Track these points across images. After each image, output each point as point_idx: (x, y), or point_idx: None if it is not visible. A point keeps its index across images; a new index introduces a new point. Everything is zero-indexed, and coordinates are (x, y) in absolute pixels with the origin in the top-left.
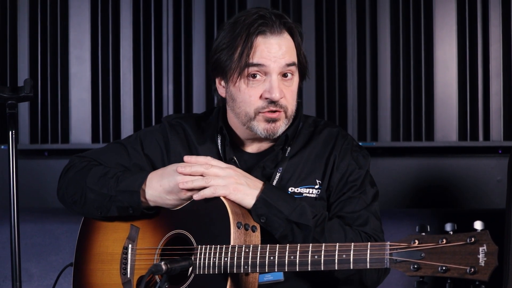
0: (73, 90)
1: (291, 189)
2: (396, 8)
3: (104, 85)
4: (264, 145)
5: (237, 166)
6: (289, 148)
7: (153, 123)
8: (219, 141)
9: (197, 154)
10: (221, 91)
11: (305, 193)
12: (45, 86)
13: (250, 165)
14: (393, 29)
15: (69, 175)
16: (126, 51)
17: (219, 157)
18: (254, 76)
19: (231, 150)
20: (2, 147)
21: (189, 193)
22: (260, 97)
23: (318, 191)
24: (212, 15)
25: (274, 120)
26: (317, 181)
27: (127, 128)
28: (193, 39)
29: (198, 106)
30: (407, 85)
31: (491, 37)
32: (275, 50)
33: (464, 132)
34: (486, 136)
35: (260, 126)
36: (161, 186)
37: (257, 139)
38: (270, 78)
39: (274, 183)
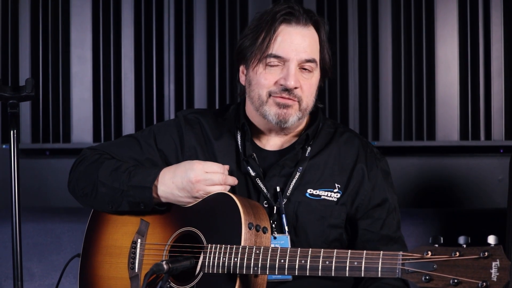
0: (75, 89)
1: (310, 191)
2: (398, 8)
3: (105, 84)
4: (284, 143)
5: (255, 163)
6: (309, 148)
7: (155, 122)
8: (239, 136)
9: (213, 149)
10: (242, 79)
11: (324, 195)
12: (47, 86)
13: (269, 162)
14: (394, 28)
15: (80, 168)
16: (128, 50)
17: (237, 153)
18: (272, 64)
19: (250, 147)
20: (4, 146)
21: (202, 192)
22: (276, 83)
23: (337, 195)
24: (214, 14)
25: (285, 106)
26: (337, 185)
27: (128, 127)
28: (194, 38)
29: (200, 105)
30: (408, 85)
31: (493, 36)
32: (297, 41)
33: (466, 132)
34: (488, 136)
35: (272, 111)
36: (174, 183)
37: (275, 132)
38: (288, 66)
39: (294, 182)
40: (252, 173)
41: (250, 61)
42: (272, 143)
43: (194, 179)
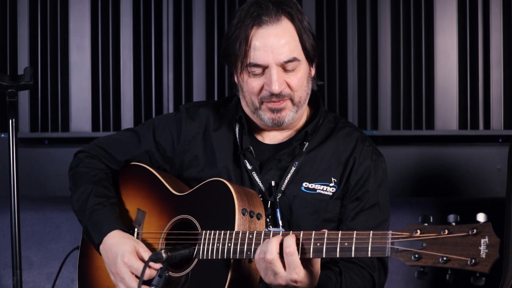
0: (73, 78)
1: (305, 184)
2: None
3: (104, 73)
4: (282, 137)
5: (252, 156)
6: (307, 143)
7: (153, 112)
8: (237, 129)
9: (211, 141)
10: (235, 78)
11: (319, 189)
12: (45, 75)
13: (266, 156)
14: (393, 18)
15: (73, 168)
16: (126, 39)
17: (235, 146)
18: (255, 72)
19: (248, 140)
20: (2, 135)
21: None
22: (263, 88)
23: (333, 189)
24: (213, 3)
25: (278, 110)
26: (333, 179)
27: (127, 116)
28: (193, 27)
29: (198, 95)
30: (407, 74)
31: (492, 26)
32: (272, 43)
33: (465, 121)
34: (487, 125)
35: (266, 116)
36: (108, 252)
37: (273, 128)
38: (269, 72)
39: (289, 176)
40: (249, 167)
41: (234, 68)
42: (272, 136)
43: (114, 270)
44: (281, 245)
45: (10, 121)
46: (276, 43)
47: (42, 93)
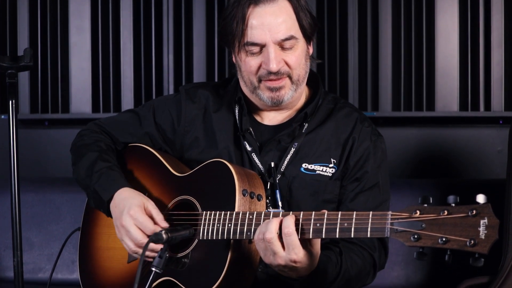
0: (73, 59)
1: (305, 165)
2: None
3: (104, 54)
4: (281, 117)
5: (252, 138)
6: (306, 125)
7: (154, 93)
8: (236, 111)
9: (211, 122)
10: (233, 58)
11: (318, 170)
12: (45, 56)
13: (265, 137)
14: None
15: (77, 143)
16: (126, 20)
17: (235, 127)
18: (252, 51)
19: (248, 121)
20: (2, 116)
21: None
22: (261, 66)
23: (332, 170)
24: None
25: (277, 88)
26: (332, 160)
27: (127, 97)
28: (193, 8)
29: (199, 75)
30: (408, 55)
31: (493, 7)
32: (269, 21)
33: (465, 102)
34: (487, 106)
35: (265, 95)
36: (117, 208)
37: (273, 108)
38: (266, 50)
39: (289, 157)
40: (248, 148)
41: (231, 48)
42: (271, 117)
43: (120, 223)
44: (280, 225)
45: (10, 102)
46: (273, 21)
47: (42, 74)
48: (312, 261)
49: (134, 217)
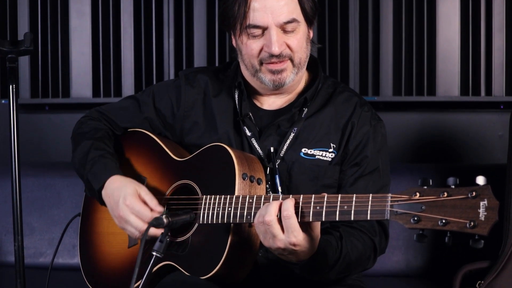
0: (74, 44)
1: (304, 150)
2: None
3: (104, 39)
4: (281, 102)
5: (251, 123)
6: (306, 109)
7: (154, 77)
8: (236, 95)
9: (211, 107)
10: (233, 42)
11: (318, 155)
12: (46, 40)
13: (265, 122)
14: None
15: (75, 131)
16: (127, 4)
17: (235, 112)
18: (254, 34)
19: (247, 106)
20: (3, 101)
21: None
22: (262, 49)
23: (332, 155)
24: None
25: (279, 71)
26: (332, 144)
27: (128, 82)
28: None
29: (199, 60)
30: (409, 40)
31: None
32: (271, 4)
33: (466, 87)
34: (488, 91)
35: (267, 78)
36: (110, 198)
37: (273, 92)
38: (268, 33)
39: (288, 142)
40: (248, 133)
41: (233, 30)
42: (271, 102)
43: (117, 214)
44: (280, 208)
45: (11, 87)
46: (275, 4)
47: (43, 59)
48: (312, 244)
49: (131, 207)
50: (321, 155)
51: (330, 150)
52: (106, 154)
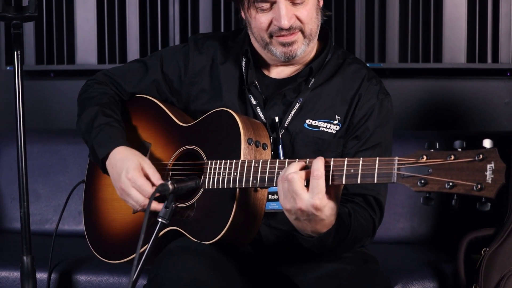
0: (78, 10)
1: (309, 121)
2: None
3: (109, 5)
4: (288, 71)
5: (257, 91)
6: (312, 80)
7: (159, 44)
8: (243, 63)
9: (218, 74)
10: (242, 14)
11: (322, 127)
12: (50, 6)
13: (271, 91)
14: None
15: (82, 94)
16: None
17: (241, 80)
18: (263, 8)
19: (254, 74)
20: (8, 68)
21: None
22: (272, 22)
23: (337, 127)
24: None
25: (290, 43)
26: (337, 117)
27: (133, 48)
28: None
29: (204, 26)
30: (415, 6)
31: None
32: None
33: (473, 54)
34: (495, 58)
35: (278, 50)
36: (114, 169)
37: (283, 63)
38: (277, 6)
39: (293, 112)
40: (253, 102)
41: (241, 4)
42: (279, 70)
43: (119, 185)
44: (306, 168)
45: (15, 53)
46: None
47: (47, 25)
48: (330, 216)
49: (132, 181)
50: (326, 127)
51: (335, 122)
52: (113, 122)
